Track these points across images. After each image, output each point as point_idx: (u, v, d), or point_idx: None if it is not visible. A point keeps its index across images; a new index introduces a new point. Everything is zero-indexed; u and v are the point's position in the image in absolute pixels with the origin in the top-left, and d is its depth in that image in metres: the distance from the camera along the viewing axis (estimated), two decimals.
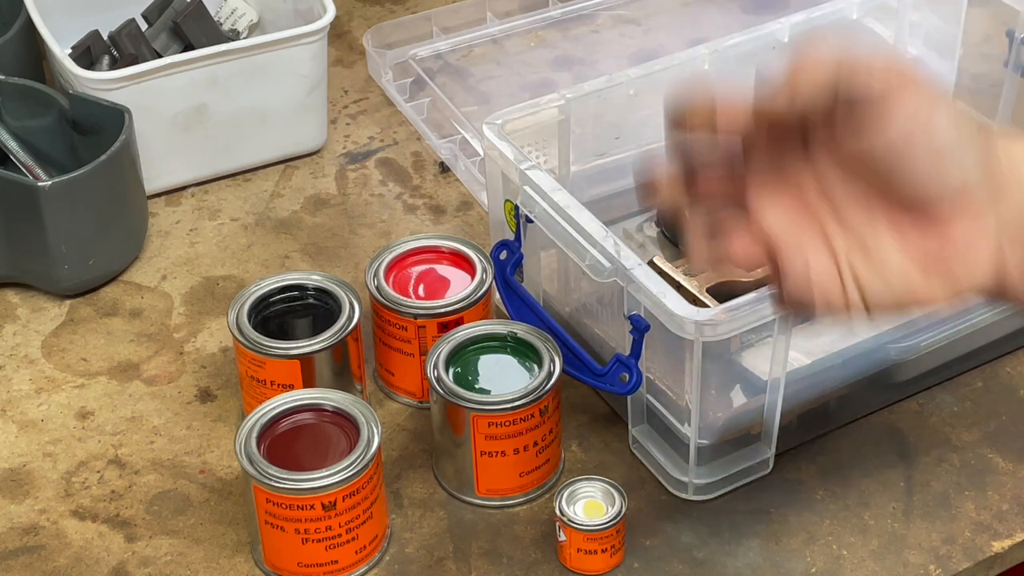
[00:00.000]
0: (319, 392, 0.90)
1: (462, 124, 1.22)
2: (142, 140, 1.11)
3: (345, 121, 1.26)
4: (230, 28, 1.28)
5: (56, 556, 0.90)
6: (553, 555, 0.89)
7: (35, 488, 0.95)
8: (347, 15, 1.40)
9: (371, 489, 0.86)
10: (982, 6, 1.19)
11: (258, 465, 0.85)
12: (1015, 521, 0.92)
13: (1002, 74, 1.19)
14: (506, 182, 0.99)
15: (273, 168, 1.21)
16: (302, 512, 0.84)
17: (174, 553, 0.90)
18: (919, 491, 0.94)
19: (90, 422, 0.99)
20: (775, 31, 1.10)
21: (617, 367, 0.92)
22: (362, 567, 0.88)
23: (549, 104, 1.03)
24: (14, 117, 1.13)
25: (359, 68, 1.33)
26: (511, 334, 0.94)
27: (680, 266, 1.00)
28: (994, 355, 1.02)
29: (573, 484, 0.89)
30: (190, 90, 1.13)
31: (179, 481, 0.95)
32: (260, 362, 0.93)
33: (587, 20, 1.36)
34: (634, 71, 1.06)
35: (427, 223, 1.16)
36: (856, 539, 0.91)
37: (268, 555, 0.88)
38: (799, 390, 0.94)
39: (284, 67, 1.16)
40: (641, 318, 0.89)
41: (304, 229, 1.15)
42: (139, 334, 1.06)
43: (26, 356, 1.05)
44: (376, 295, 0.97)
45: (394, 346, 0.98)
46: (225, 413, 1.00)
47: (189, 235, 1.15)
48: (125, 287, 1.11)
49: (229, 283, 1.11)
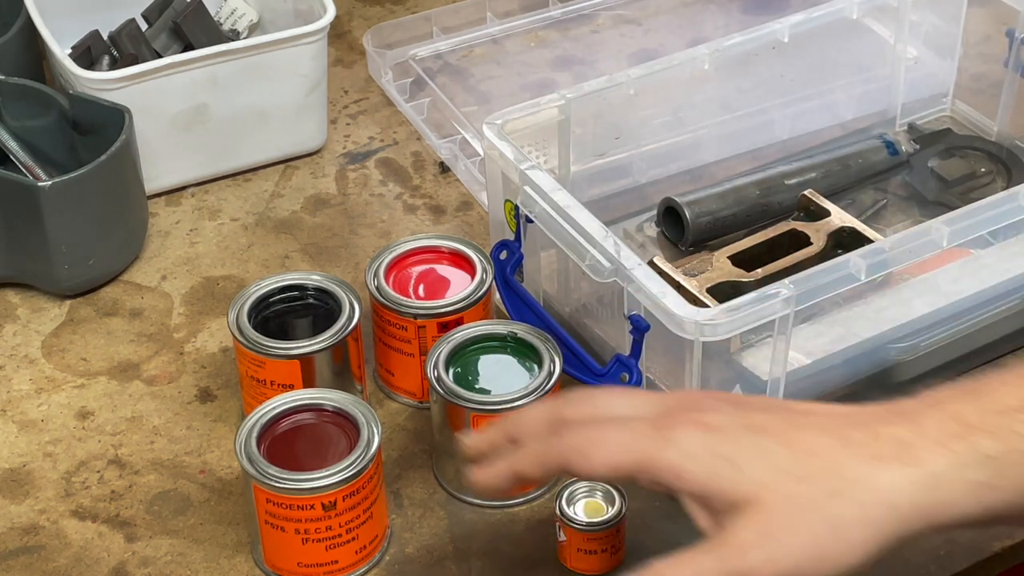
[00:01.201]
0: (319, 392, 0.90)
1: (462, 124, 1.22)
2: (142, 140, 1.11)
3: (345, 121, 1.26)
4: (230, 28, 1.28)
5: (56, 556, 0.90)
6: (553, 555, 0.89)
7: (35, 488, 0.95)
8: (347, 15, 1.40)
9: (371, 489, 0.86)
10: (982, 6, 1.19)
11: (258, 465, 0.85)
12: None
13: (1002, 74, 1.19)
14: (506, 182, 0.99)
15: (273, 168, 1.21)
16: (302, 512, 0.84)
17: (174, 553, 0.90)
18: None
19: (90, 422, 0.99)
20: (775, 31, 1.10)
21: (617, 367, 0.92)
22: (362, 567, 0.88)
23: (549, 104, 1.03)
24: (14, 117, 1.13)
25: (359, 68, 1.33)
26: (511, 334, 0.94)
27: (680, 266, 1.00)
28: (994, 355, 1.02)
29: (573, 484, 0.89)
30: (190, 90, 1.13)
31: (179, 481, 0.95)
32: (260, 362, 0.93)
33: (587, 20, 1.36)
34: (634, 71, 1.06)
35: (427, 223, 1.16)
36: None
37: (268, 555, 0.88)
38: (799, 390, 0.93)
39: (284, 67, 1.16)
40: (641, 318, 0.89)
41: (304, 229, 1.15)
42: (139, 334, 1.06)
43: (26, 356, 1.05)
44: (376, 295, 0.97)
45: (394, 346, 0.98)
46: (225, 413, 1.00)
47: (189, 235, 1.15)
48: (125, 287, 1.11)
49: (229, 283, 1.11)
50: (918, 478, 0.64)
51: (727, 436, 0.67)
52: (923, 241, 0.91)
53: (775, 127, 1.19)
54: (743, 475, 0.65)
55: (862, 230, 1.03)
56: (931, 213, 1.08)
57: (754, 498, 0.65)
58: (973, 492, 0.65)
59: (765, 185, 1.11)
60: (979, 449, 0.64)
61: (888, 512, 0.64)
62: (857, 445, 0.66)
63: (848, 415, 0.68)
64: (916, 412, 0.67)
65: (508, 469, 0.73)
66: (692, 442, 0.67)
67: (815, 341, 0.94)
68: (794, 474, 0.65)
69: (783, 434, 0.67)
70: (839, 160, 1.14)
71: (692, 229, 1.08)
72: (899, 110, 1.22)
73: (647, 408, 0.71)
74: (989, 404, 0.66)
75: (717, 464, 0.66)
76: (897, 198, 1.15)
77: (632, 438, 0.68)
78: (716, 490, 0.66)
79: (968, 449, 0.65)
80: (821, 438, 0.66)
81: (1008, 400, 0.66)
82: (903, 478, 0.64)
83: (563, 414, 0.73)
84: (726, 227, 1.09)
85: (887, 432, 0.66)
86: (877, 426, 0.66)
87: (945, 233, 0.90)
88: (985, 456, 0.64)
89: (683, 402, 0.71)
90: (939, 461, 0.65)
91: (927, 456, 0.65)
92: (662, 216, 1.11)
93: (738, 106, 1.17)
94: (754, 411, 0.69)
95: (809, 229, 1.04)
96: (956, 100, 1.24)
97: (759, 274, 1.00)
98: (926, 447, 0.65)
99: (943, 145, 1.18)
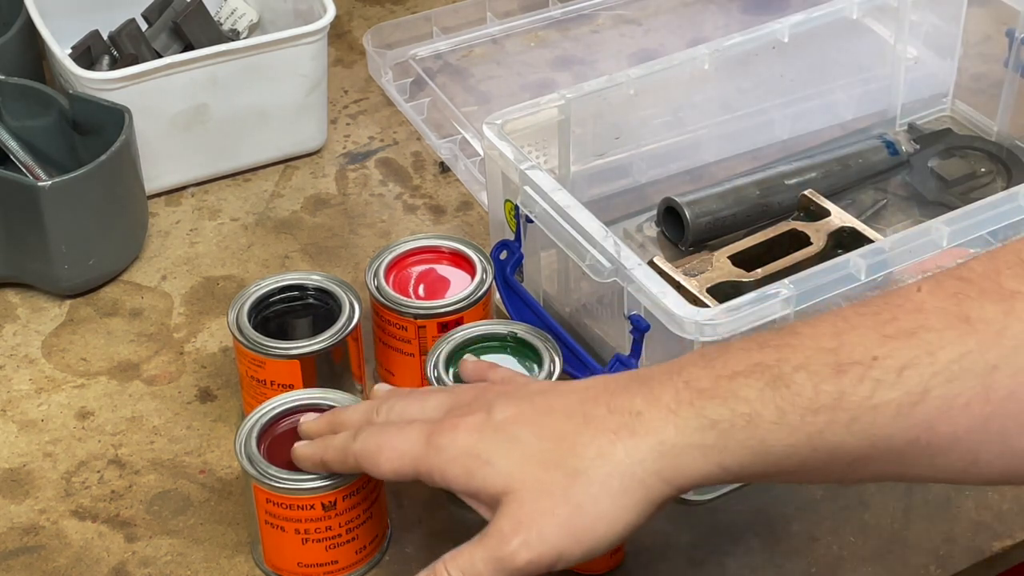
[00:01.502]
0: (319, 392, 0.90)
1: (462, 124, 1.22)
2: (142, 140, 1.11)
3: (345, 121, 1.26)
4: (230, 28, 1.28)
5: (56, 556, 0.90)
6: None
7: (35, 488, 0.95)
8: (347, 15, 1.40)
9: (371, 489, 0.86)
10: (982, 6, 1.19)
11: (258, 465, 0.85)
12: (1015, 521, 0.92)
13: (1002, 74, 1.19)
14: (506, 182, 0.99)
15: (273, 168, 1.21)
16: (302, 512, 0.84)
17: (174, 553, 0.90)
18: (919, 491, 0.94)
19: (90, 422, 0.99)
20: (775, 31, 1.10)
21: (617, 367, 0.92)
22: (362, 567, 0.88)
23: (549, 104, 1.03)
24: (14, 117, 1.13)
25: (359, 68, 1.33)
26: (511, 334, 0.94)
27: (680, 266, 1.01)
28: None
29: None
30: (190, 90, 1.13)
31: (179, 481, 0.95)
32: (260, 362, 0.93)
33: (587, 20, 1.37)
34: (634, 71, 1.06)
35: (427, 223, 1.16)
36: (856, 539, 0.91)
37: (268, 555, 0.88)
38: None
39: (284, 67, 1.16)
40: (641, 318, 0.89)
41: (304, 229, 1.15)
42: (139, 334, 1.06)
43: (26, 356, 1.05)
44: (376, 295, 0.97)
45: (394, 346, 0.98)
46: (225, 413, 1.00)
47: (189, 235, 1.15)
48: (125, 287, 1.11)
49: (229, 283, 1.11)
50: (652, 447, 0.68)
51: (483, 435, 0.72)
52: (923, 241, 0.91)
53: (775, 127, 1.19)
54: (495, 470, 0.71)
55: (862, 230, 1.03)
56: (931, 213, 1.08)
57: (508, 490, 0.70)
58: (704, 456, 0.68)
59: (765, 185, 1.11)
60: (705, 414, 0.68)
61: (631, 483, 0.69)
62: (596, 421, 0.70)
63: (592, 389, 0.73)
64: (655, 379, 0.70)
65: (316, 455, 0.81)
66: (452, 446, 0.72)
67: None
68: (540, 461, 0.70)
69: (533, 423, 0.72)
70: (839, 160, 1.14)
71: (692, 229, 1.08)
72: (899, 110, 1.22)
73: (433, 410, 0.77)
74: (721, 368, 0.68)
75: (472, 464, 0.71)
76: (897, 198, 1.15)
77: (408, 446, 0.74)
78: (477, 488, 0.72)
79: (695, 415, 0.68)
80: (566, 421, 0.71)
81: (736, 365, 0.68)
82: (637, 449, 0.68)
83: (370, 417, 0.80)
84: (726, 227, 1.09)
85: (622, 405, 0.70)
86: (614, 399, 0.71)
87: (945, 233, 0.91)
88: (711, 420, 0.67)
89: (458, 401, 0.77)
90: (668, 429, 0.68)
91: (657, 425, 0.69)
92: (662, 216, 1.11)
93: (738, 106, 1.17)
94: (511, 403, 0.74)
95: (809, 229, 1.04)
96: (956, 100, 1.24)
97: (759, 274, 1.00)
98: (657, 416, 0.69)
99: (943, 145, 1.18)
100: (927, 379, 0.64)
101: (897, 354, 0.64)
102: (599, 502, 0.69)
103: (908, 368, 0.64)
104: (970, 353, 0.63)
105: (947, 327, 0.64)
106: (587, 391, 0.73)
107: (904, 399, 0.64)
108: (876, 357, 0.65)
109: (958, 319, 0.64)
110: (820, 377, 0.65)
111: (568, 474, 0.69)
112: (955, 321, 0.64)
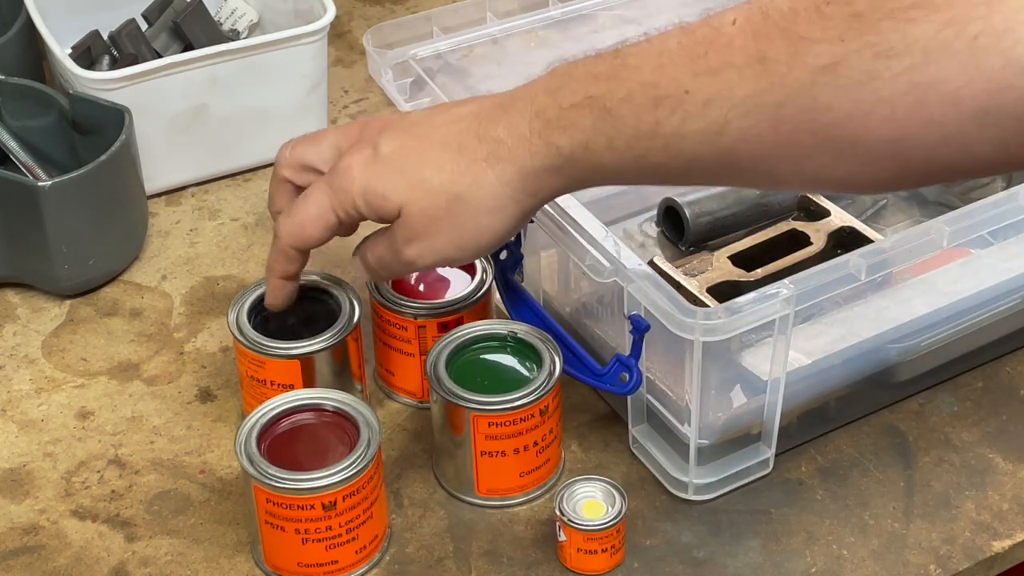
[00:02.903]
0: (319, 392, 0.90)
1: None
2: (142, 140, 1.11)
3: (345, 121, 1.26)
4: (230, 28, 1.28)
5: (56, 556, 0.90)
6: (553, 555, 0.89)
7: (35, 488, 0.95)
8: (347, 15, 1.40)
9: (371, 489, 0.86)
10: None
11: (258, 465, 0.85)
12: (1015, 521, 0.92)
13: None
14: None
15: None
16: (302, 512, 0.84)
17: (174, 553, 0.90)
18: (919, 491, 0.94)
19: (90, 422, 0.99)
20: None
21: (617, 367, 0.92)
22: (362, 567, 0.88)
23: None
24: (14, 117, 1.13)
25: (359, 68, 1.33)
26: (511, 334, 0.94)
27: (680, 266, 1.01)
28: (994, 355, 1.03)
29: (573, 484, 0.89)
30: (190, 90, 1.13)
31: (179, 481, 0.95)
32: (260, 362, 0.93)
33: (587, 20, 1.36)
34: None
35: None
36: (856, 539, 0.91)
37: (268, 555, 0.88)
38: (799, 390, 0.94)
39: (284, 67, 1.16)
40: (641, 318, 0.89)
41: None
42: (139, 334, 1.06)
43: (26, 356, 1.05)
44: (376, 295, 0.97)
45: (394, 346, 0.98)
46: (225, 413, 1.00)
47: (189, 235, 1.15)
48: (125, 287, 1.11)
49: (229, 283, 1.11)
50: (515, 171, 0.80)
51: (374, 170, 0.84)
52: (923, 241, 0.91)
53: None
54: (390, 201, 0.83)
55: (862, 230, 1.03)
56: (931, 213, 1.08)
57: (401, 212, 0.83)
58: (558, 174, 0.80)
59: None
60: (552, 142, 0.79)
61: (503, 201, 0.81)
62: (468, 150, 0.82)
63: (464, 120, 0.83)
64: (514, 107, 0.81)
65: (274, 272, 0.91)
66: (352, 187, 0.84)
67: (815, 341, 0.94)
68: (425, 191, 0.82)
69: (415, 152, 0.83)
70: None
71: (692, 229, 1.08)
72: None
73: (327, 150, 0.89)
74: (562, 99, 0.79)
75: (372, 199, 0.84)
76: (897, 198, 1.15)
77: (318, 207, 0.86)
78: (379, 216, 0.85)
79: (544, 144, 0.79)
80: (443, 152, 0.82)
81: (574, 96, 0.78)
82: (505, 172, 0.81)
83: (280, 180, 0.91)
84: (726, 227, 1.09)
85: (488, 133, 0.81)
86: (482, 127, 0.82)
87: (945, 233, 0.90)
88: (556, 148, 0.79)
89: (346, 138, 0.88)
90: (526, 156, 0.80)
91: (519, 152, 0.80)
92: (662, 216, 1.11)
93: None
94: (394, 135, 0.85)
95: (809, 229, 1.04)
96: None
97: (759, 274, 1.00)
98: (516, 144, 0.80)
99: None
100: (726, 112, 0.73)
101: (704, 89, 0.73)
102: (479, 218, 0.82)
103: (711, 102, 0.73)
104: (762, 91, 0.71)
105: (746, 65, 0.72)
106: (460, 121, 0.83)
107: (708, 128, 0.74)
108: (688, 91, 0.74)
109: (756, 59, 0.72)
110: (642, 109, 0.75)
111: (450, 200, 0.82)
112: (753, 61, 0.72)
